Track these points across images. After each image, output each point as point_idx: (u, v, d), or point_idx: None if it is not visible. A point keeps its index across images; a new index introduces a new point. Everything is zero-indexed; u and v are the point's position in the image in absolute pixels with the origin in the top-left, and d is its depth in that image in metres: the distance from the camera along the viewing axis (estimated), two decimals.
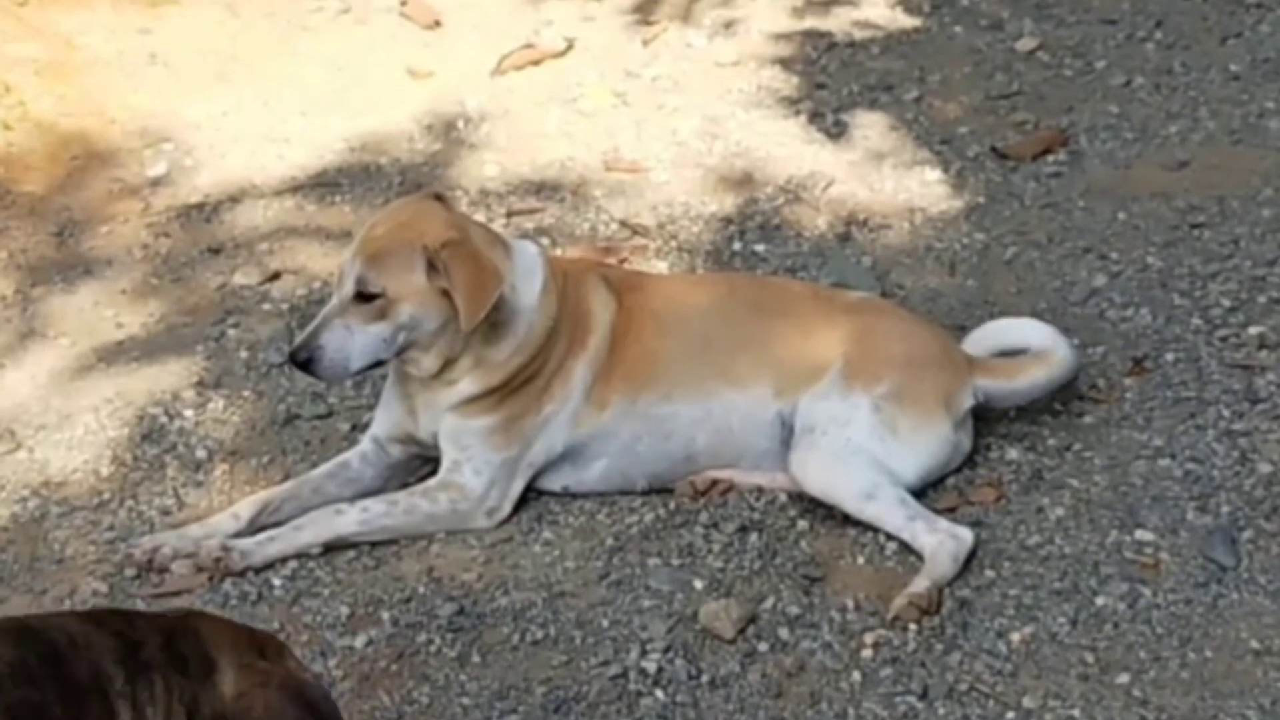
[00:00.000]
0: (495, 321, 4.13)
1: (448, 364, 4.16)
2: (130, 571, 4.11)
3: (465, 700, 3.69)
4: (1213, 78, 6.07)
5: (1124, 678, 3.68)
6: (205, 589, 4.01)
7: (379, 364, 4.17)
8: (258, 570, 4.08)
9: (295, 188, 5.73)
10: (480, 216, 5.38)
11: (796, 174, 5.67)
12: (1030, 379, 4.33)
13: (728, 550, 4.08)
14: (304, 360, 4.08)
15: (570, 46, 6.58)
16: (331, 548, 4.12)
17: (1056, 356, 4.36)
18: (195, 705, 2.75)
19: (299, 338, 4.17)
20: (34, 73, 6.27)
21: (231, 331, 5.00)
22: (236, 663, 2.80)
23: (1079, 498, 4.18)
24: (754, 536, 4.12)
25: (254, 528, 4.17)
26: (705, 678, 3.73)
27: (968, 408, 4.26)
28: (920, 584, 3.88)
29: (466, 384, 4.19)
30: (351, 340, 4.06)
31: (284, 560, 4.07)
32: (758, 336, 4.27)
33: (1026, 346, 4.42)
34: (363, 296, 4.05)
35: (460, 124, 6.08)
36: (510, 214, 5.51)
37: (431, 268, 4.04)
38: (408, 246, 4.05)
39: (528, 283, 4.21)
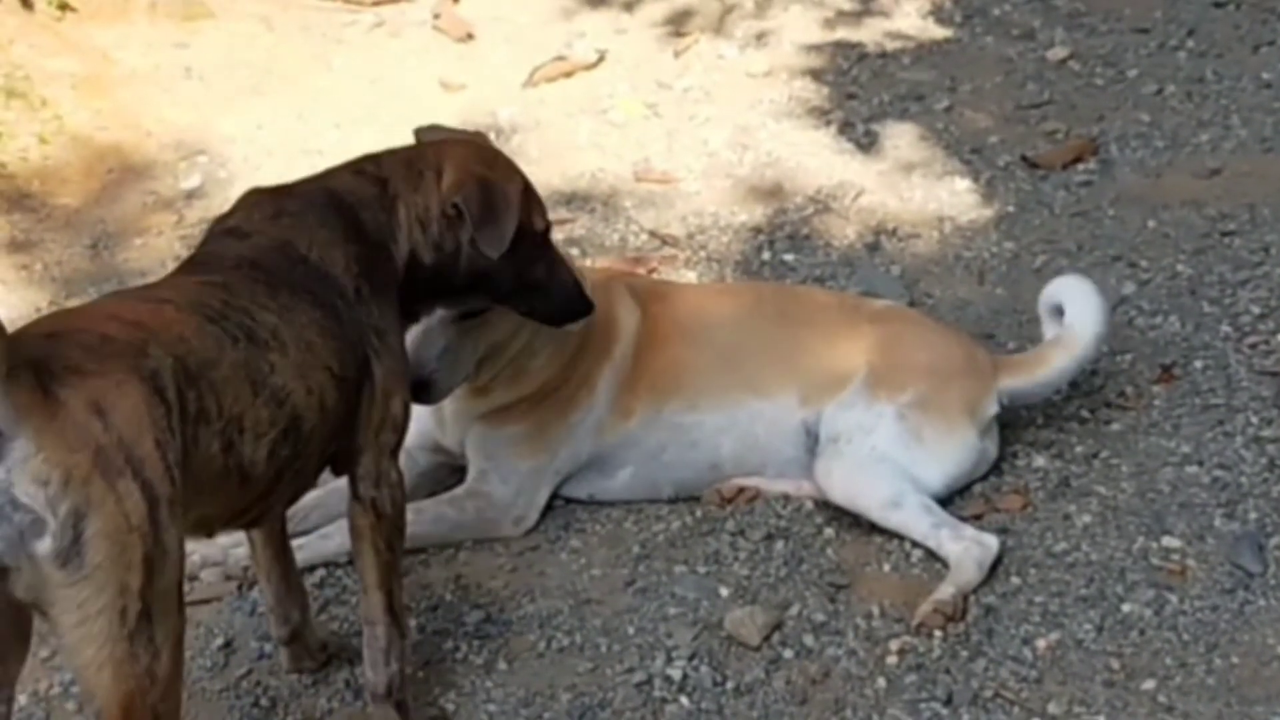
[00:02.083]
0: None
1: (488, 375, 4.16)
2: None
3: (491, 707, 3.70)
4: (1245, 86, 6.07)
5: (1150, 684, 3.67)
6: (234, 596, 4.04)
7: None
8: None
9: None
10: None
11: (826, 184, 5.69)
12: (1052, 367, 4.32)
13: (754, 558, 4.09)
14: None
15: (602, 58, 6.62)
16: None
17: (1078, 331, 4.31)
18: (427, 209, 3.51)
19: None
20: (70, 87, 6.34)
21: None
22: (460, 168, 3.52)
23: (1106, 505, 4.18)
24: (780, 544, 4.12)
25: None
26: (730, 684, 3.73)
27: (993, 415, 4.26)
28: (945, 591, 3.88)
29: (500, 393, 4.20)
30: (458, 362, 4.05)
31: (312, 568, 4.07)
32: (782, 345, 4.28)
33: (1063, 304, 4.37)
34: (465, 315, 4.01)
35: (492, 136, 6.06)
36: None
37: None
38: None
39: None
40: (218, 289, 3.10)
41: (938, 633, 3.81)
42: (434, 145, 3.63)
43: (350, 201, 3.43)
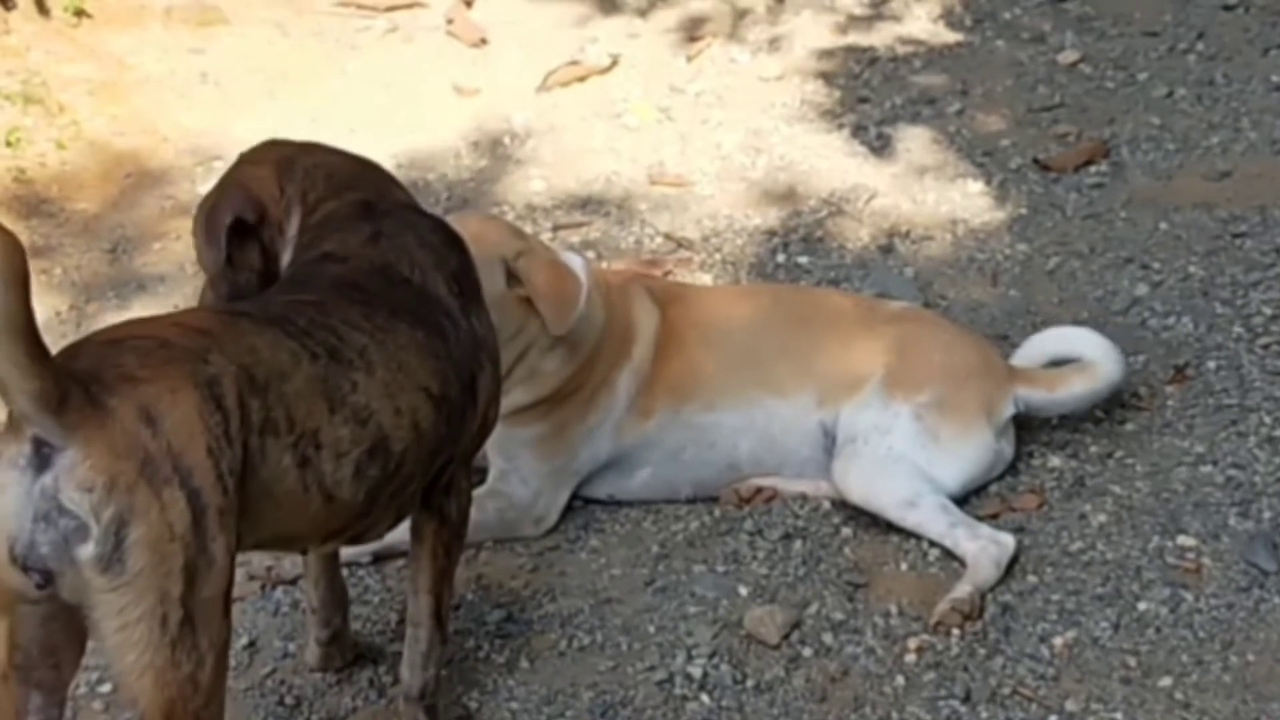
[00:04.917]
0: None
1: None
2: None
3: (513, 705, 3.74)
4: (1254, 88, 6.09)
5: (1166, 681, 3.70)
6: (257, 596, 4.07)
7: None
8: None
9: None
10: (526, 231, 5.44)
11: (839, 187, 5.72)
12: (1070, 390, 4.34)
13: (772, 557, 4.12)
14: None
15: (615, 63, 6.65)
16: (381, 557, 4.17)
17: (1101, 369, 4.37)
18: None
19: None
20: (87, 92, 6.37)
21: None
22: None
23: (1121, 504, 4.21)
24: (798, 543, 4.16)
25: None
26: (750, 682, 3.76)
27: (1009, 416, 4.28)
28: (962, 589, 3.91)
29: (518, 394, 4.22)
30: None
31: None
32: (799, 347, 4.31)
33: (1077, 356, 4.42)
34: None
35: (506, 140, 6.14)
36: (556, 228, 5.57)
37: (510, 276, 4.09)
38: (484, 257, 3.97)
39: None
40: (308, 306, 3.08)
41: (955, 631, 3.84)
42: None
43: (437, 218, 3.48)
